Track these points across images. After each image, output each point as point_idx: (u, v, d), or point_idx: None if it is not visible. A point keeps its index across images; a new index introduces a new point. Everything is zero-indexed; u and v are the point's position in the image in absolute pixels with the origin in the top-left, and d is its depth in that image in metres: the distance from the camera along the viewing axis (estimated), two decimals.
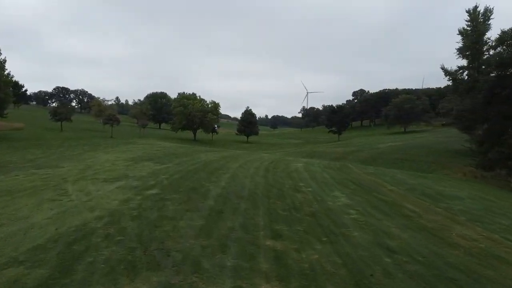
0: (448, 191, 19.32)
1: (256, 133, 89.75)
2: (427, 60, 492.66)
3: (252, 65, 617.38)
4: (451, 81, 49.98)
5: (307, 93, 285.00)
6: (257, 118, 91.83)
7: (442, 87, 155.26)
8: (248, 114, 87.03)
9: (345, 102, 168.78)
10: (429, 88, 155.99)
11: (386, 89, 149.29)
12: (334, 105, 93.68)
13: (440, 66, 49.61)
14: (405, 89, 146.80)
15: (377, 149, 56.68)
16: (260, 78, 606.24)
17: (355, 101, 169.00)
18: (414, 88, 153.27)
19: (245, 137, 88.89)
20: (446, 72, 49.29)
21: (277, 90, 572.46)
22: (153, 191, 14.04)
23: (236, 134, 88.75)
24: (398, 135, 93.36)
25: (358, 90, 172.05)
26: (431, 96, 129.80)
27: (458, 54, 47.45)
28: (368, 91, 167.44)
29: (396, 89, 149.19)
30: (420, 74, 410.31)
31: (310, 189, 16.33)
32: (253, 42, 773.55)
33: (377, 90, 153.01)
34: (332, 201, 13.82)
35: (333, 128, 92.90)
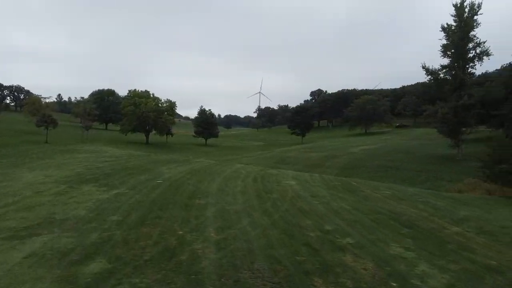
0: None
1: (216, 135, 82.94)
2: (381, 61, 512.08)
3: (204, 63, 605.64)
4: (432, 80, 47.01)
5: (259, 92, 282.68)
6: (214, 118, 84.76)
7: (397, 88, 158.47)
8: (206, 114, 79.80)
9: (302, 103, 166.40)
10: (382, 89, 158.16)
11: (345, 89, 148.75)
12: (291, 105, 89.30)
13: (421, 65, 46.40)
14: (363, 90, 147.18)
15: (352, 153, 52.57)
16: (212, 76, 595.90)
17: (313, 101, 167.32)
18: (371, 89, 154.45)
19: (203, 139, 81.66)
20: (428, 71, 46.17)
21: (229, 88, 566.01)
22: (97, 264, 7.50)
23: (194, 136, 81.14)
24: (362, 137, 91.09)
25: (316, 90, 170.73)
26: (387, 97, 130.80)
27: (442, 51, 44.48)
28: (326, 91, 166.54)
29: (355, 89, 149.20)
30: (374, 75, 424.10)
31: (350, 240, 10.42)
32: (206, 39, 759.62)
33: (336, 91, 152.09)
34: (416, 277, 8.00)
35: (297, 130, 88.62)
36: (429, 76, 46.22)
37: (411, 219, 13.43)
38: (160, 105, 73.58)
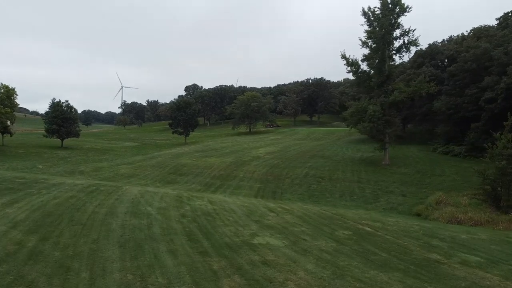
0: None
1: (77, 135, 63.26)
2: (240, 60, 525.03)
3: (55, 51, 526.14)
4: (351, 73, 40.88)
5: (122, 87, 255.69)
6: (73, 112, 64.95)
7: (270, 86, 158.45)
8: (61, 107, 59.72)
9: (177, 98, 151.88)
10: (244, 86, 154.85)
11: (223, 85, 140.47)
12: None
13: (341, 54, 39.84)
14: (241, 86, 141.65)
15: (259, 158, 43.21)
16: (65, 67, 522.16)
17: (189, 96, 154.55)
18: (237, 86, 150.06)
19: (59, 140, 61.24)
20: (348, 62, 39.77)
21: (87, 82, 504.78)
22: None
23: (44, 136, 59.98)
24: (249, 137, 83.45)
25: (191, 85, 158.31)
26: (270, 94, 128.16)
27: (362, 42, 38.53)
28: (202, 86, 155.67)
29: (232, 85, 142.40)
30: (234, 73, 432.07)
31: None
32: (57, 23, 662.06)
33: (213, 86, 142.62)
34: None
35: (179, 128, 75.47)
36: (349, 67, 39.98)
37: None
38: None
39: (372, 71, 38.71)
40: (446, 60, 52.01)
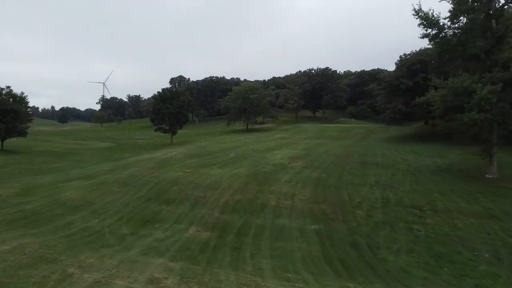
0: None
1: (23, 133, 47.46)
2: (231, 54, 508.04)
3: (31, 46, 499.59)
4: (426, 38, 26.78)
5: (104, 83, 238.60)
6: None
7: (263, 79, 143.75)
8: (1, 95, 43.79)
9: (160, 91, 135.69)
10: (238, 78, 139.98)
11: (213, 77, 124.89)
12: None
13: (414, 9, 25.84)
14: (233, 78, 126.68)
15: (293, 169, 28.74)
16: (42, 62, 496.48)
17: (174, 89, 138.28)
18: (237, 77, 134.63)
19: None
20: (427, 20, 25.73)
21: (66, 78, 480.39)
22: None
23: None
24: (250, 135, 68.88)
25: (177, 77, 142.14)
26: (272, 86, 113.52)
27: None
28: (189, 78, 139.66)
29: (223, 77, 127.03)
30: (225, 68, 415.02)
31: None
32: (33, 16, 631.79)
33: (203, 78, 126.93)
34: None
35: (163, 125, 60.22)
36: (426, 29, 25.90)
37: None
38: None
39: (469, 33, 24.54)
40: None
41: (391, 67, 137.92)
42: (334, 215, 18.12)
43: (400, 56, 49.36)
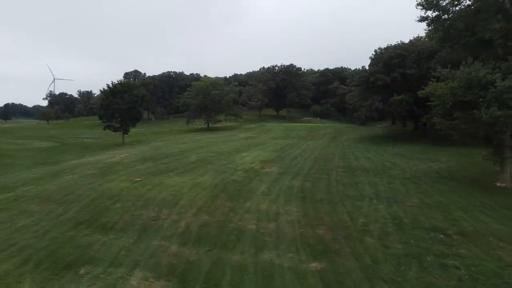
0: None
1: None
2: (190, 51, 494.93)
3: None
4: (424, 21, 22.85)
5: (54, 79, 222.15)
6: None
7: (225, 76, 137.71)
8: None
9: None
10: (197, 74, 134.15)
11: (171, 72, 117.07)
12: (116, 82, 53.03)
13: None
14: (193, 74, 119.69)
15: (268, 176, 23.78)
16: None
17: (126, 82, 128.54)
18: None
19: None
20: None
21: (14, 73, 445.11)
22: None
23: None
24: (212, 134, 63.39)
25: (132, 71, 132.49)
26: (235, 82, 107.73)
27: None
28: (145, 73, 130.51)
29: (182, 72, 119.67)
30: (184, 63, 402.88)
31: None
32: None
33: (160, 72, 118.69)
34: None
35: (113, 122, 53.07)
36: (425, 12, 21.95)
37: None
38: None
39: (480, 14, 20.76)
40: None
41: (354, 66, 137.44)
42: (337, 244, 13.32)
43: (375, 51, 46.00)
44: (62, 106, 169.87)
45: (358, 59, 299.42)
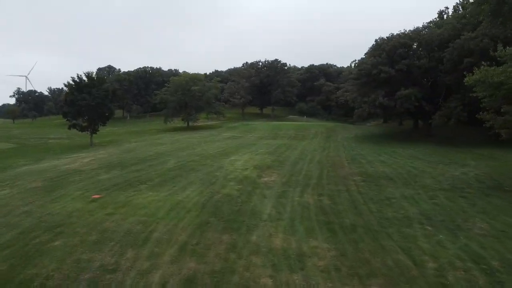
0: None
1: None
2: (171, 48, 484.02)
3: None
4: None
5: (26, 76, 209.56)
6: None
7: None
8: None
9: None
10: (176, 70, 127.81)
11: (148, 67, 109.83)
12: (81, 74, 46.31)
13: None
14: (171, 70, 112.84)
15: (272, 189, 18.46)
16: None
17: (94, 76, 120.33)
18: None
19: None
20: None
21: None
22: None
23: None
24: (193, 133, 57.56)
25: (106, 67, 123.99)
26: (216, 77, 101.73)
27: None
28: (119, 69, 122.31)
29: (160, 68, 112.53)
30: (163, 61, 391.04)
31: None
32: None
33: (135, 68, 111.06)
34: None
35: (79, 121, 46.49)
36: None
37: None
38: None
39: None
40: None
41: (340, 64, 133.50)
42: None
43: (376, 40, 41.33)
44: (31, 104, 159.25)
45: (344, 57, 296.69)
